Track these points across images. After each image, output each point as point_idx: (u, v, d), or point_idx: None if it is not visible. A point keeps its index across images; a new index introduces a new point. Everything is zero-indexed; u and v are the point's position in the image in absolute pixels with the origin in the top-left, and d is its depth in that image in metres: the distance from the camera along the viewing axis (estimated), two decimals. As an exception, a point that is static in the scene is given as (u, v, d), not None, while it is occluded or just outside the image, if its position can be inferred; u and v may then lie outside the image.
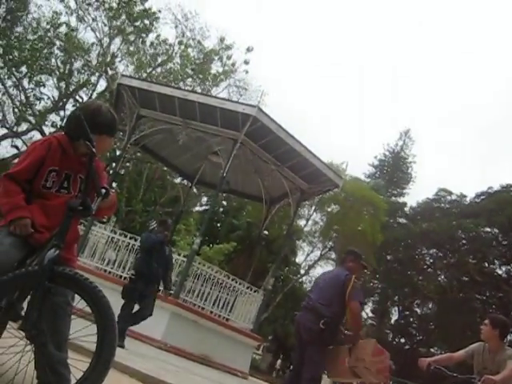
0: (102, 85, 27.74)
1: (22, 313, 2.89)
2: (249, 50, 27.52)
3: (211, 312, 14.41)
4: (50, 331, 2.90)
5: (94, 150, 3.00)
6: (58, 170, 3.25)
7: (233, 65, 27.84)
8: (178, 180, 26.29)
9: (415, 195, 74.87)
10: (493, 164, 72.78)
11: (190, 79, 27.62)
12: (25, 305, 2.93)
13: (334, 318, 6.62)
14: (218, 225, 31.91)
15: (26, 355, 2.93)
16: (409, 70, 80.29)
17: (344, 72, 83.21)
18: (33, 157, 3.21)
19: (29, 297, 2.88)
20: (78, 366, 2.86)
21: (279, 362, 37.58)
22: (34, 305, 2.82)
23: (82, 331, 2.84)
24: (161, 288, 9.73)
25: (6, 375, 2.89)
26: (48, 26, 26.17)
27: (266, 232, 20.06)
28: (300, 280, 34.95)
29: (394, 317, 38.33)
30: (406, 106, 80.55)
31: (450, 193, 35.91)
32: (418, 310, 37.76)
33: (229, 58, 27.73)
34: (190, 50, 27.66)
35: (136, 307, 9.31)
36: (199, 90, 26.39)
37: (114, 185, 26.27)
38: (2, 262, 2.97)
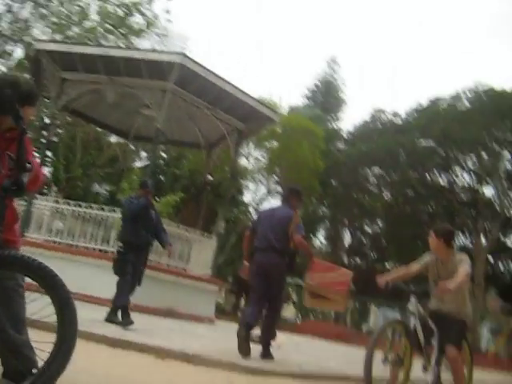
0: (18, 53, 26.71)
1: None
2: None
3: (168, 265, 14.44)
4: (6, 316, 2.84)
5: (23, 127, 2.88)
6: None
7: (155, 17, 27.11)
8: (113, 139, 25.83)
9: (351, 119, 75.72)
10: (419, 78, 73.71)
11: (111, 36, 26.80)
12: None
13: (292, 252, 7.66)
14: (161, 177, 31.67)
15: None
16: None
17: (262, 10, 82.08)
18: None
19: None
20: (42, 345, 2.83)
21: (242, 301, 38.18)
22: None
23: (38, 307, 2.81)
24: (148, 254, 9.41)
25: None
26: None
27: (210, 177, 20.01)
28: (251, 219, 35.24)
29: (347, 240, 39.15)
30: (327, 33, 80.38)
31: (384, 112, 36.36)
32: (369, 230, 38.60)
33: (148, 9, 26.97)
34: (108, 5, 26.77)
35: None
36: (122, 46, 25.72)
37: (50, 154, 25.70)
38: None
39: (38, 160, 3.22)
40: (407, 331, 5.78)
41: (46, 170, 25.13)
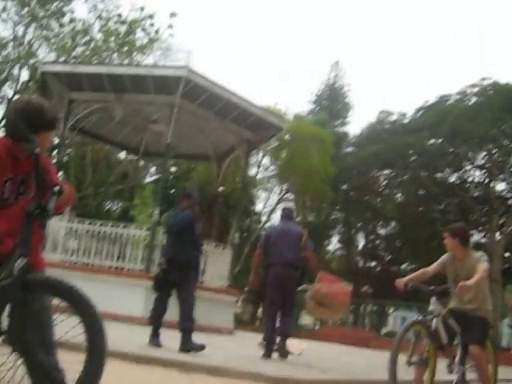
0: (25, 76, 26.98)
1: (3, 327, 2.85)
2: (173, 15, 26.95)
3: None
4: (35, 339, 2.87)
5: (37, 150, 2.91)
6: (13, 177, 3.13)
7: (156, 32, 27.28)
8: (123, 156, 25.97)
9: (358, 123, 75.70)
10: (424, 78, 73.67)
11: (115, 54, 27.01)
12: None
13: (304, 265, 8.71)
14: (172, 191, 31.78)
15: (19, 368, 2.91)
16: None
17: (261, 20, 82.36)
18: None
19: (7, 310, 2.84)
20: (73, 365, 2.85)
21: (260, 310, 38.10)
22: (14, 318, 2.78)
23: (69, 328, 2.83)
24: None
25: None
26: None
27: (221, 188, 20.08)
28: (263, 227, 35.25)
29: (361, 243, 39.07)
30: (330, 37, 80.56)
31: (390, 113, 36.30)
32: (382, 232, 38.51)
33: (152, 25, 27.14)
34: (109, 22, 27.00)
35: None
36: (127, 63, 25.91)
37: (60, 174, 25.84)
38: None
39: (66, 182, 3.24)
40: (429, 332, 5.77)
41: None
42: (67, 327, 2.87)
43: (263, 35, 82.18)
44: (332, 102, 41.87)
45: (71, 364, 2.87)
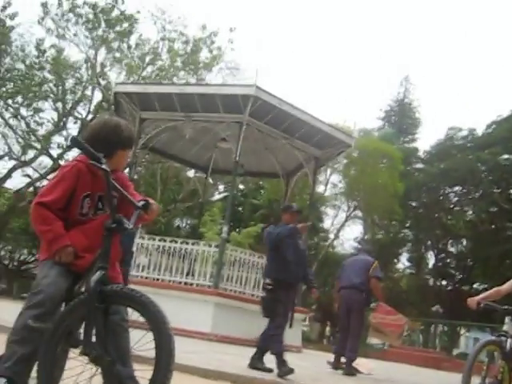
0: (97, 96, 27.81)
1: (81, 338, 2.96)
2: (231, 29, 27.40)
3: (252, 295, 14.51)
4: (113, 349, 2.96)
5: (104, 167, 3.03)
6: (91, 193, 3.28)
7: (219, 48, 27.76)
8: (192, 174, 26.37)
9: (426, 139, 74.54)
10: (496, 92, 71.96)
11: (181, 72, 27.60)
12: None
13: (369, 290, 9.53)
14: (240, 208, 32.02)
15: (94, 377, 3.00)
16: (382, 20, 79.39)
17: (324, 38, 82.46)
18: (64, 186, 3.21)
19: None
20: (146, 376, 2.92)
21: (327, 328, 37.78)
22: (91, 328, 2.89)
23: (142, 341, 2.91)
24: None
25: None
26: (35, 52, 26.25)
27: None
28: (331, 245, 35.06)
29: (431, 261, 38.30)
30: (399, 53, 79.79)
31: (460, 129, 35.69)
32: (453, 250, 37.66)
33: (213, 42, 27.67)
34: (175, 43, 27.63)
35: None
36: (193, 81, 26.39)
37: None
38: (52, 294, 3.04)
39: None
40: (503, 352, 5.62)
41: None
42: (141, 339, 2.95)
43: (330, 50, 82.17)
44: (401, 117, 41.44)
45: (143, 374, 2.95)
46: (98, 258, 3.02)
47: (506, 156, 32.47)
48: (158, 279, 14.47)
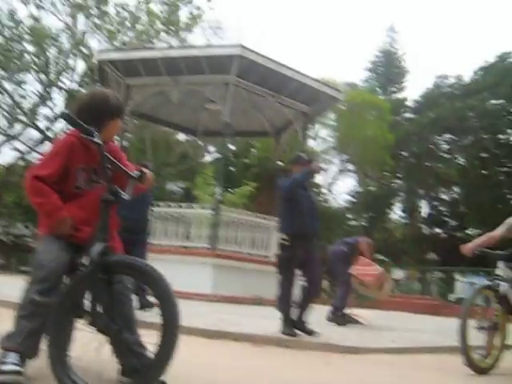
0: (80, 65, 27.54)
1: (87, 309, 3.03)
2: None
3: (250, 254, 14.67)
4: (118, 318, 3.03)
5: (97, 140, 3.07)
6: (85, 166, 3.33)
7: (198, 8, 27.47)
8: (181, 137, 26.30)
9: (414, 88, 74.17)
10: (482, 38, 71.48)
11: (162, 34, 27.32)
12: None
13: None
14: (232, 169, 32.04)
15: (103, 346, 3.08)
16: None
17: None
18: (58, 159, 3.25)
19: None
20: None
21: (326, 283, 38.14)
22: (96, 299, 2.96)
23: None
24: None
25: (93, 370, 3.06)
26: (11, 24, 25.86)
27: (280, 163, 20.07)
28: (325, 200, 35.23)
29: (425, 210, 38.59)
30: (380, 4, 78.91)
31: (448, 77, 35.62)
32: (446, 197, 37.91)
33: (190, 1, 27.35)
34: (152, 5, 27.31)
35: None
36: (175, 43, 26.15)
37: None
38: (55, 268, 3.10)
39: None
40: (498, 296, 5.75)
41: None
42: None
43: (312, 3, 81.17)
44: (387, 67, 41.23)
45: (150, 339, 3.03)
46: (97, 230, 3.08)
47: (493, 101, 32.46)
48: (154, 244, 14.56)
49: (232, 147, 31.38)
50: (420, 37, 72.53)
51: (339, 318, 9.37)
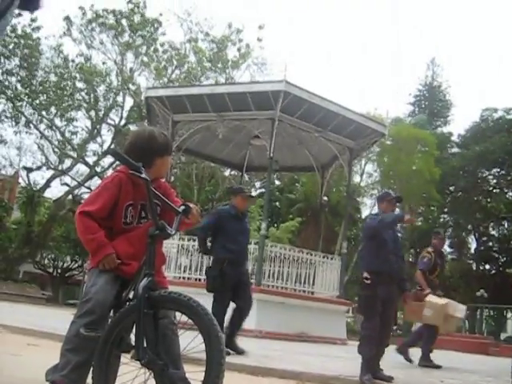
0: (128, 102, 28.15)
1: (132, 343, 3.03)
2: (260, 27, 27.43)
3: (295, 290, 14.56)
4: (164, 353, 3.03)
5: (144, 176, 3.11)
6: (134, 203, 3.37)
7: (247, 46, 27.82)
8: (227, 172, 26.50)
9: (460, 122, 73.47)
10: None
11: (209, 72, 27.74)
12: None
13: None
14: (277, 204, 32.08)
15: (148, 381, 3.07)
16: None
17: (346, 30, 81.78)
18: (107, 195, 3.30)
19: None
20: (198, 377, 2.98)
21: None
22: (142, 334, 2.96)
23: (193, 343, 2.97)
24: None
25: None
26: (65, 63, 26.71)
27: (325, 198, 20.08)
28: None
29: (473, 245, 37.87)
30: (421, 38, 78.78)
31: (495, 110, 35.18)
32: (495, 233, 37.18)
33: (240, 40, 27.74)
34: (200, 43, 27.81)
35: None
36: (222, 80, 26.51)
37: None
38: (101, 300, 3.13)
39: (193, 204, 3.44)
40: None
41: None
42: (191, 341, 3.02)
43: (355, 39, 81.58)
44: (431, 101, 41.02)
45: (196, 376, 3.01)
46: (143, 265, 3.10)
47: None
48: (199, 279, 14.59)
49: (277, 182, 31.47)
50: (465, 70, 72.08)
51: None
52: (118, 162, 3.27)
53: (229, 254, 7.88)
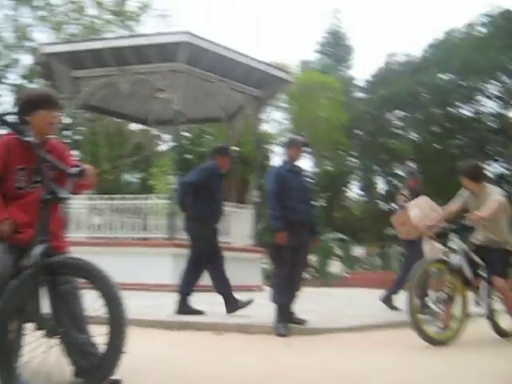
0: (27, 59, 26.99)
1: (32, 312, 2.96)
2: None
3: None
4: (67, 318, 2.98)
5: (28, 138, 3.02)
6: (25, 167, 3.26)
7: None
8: (134, 127, 26.00)
9: (365, 68, 74.61)
10: (429, 16, 72.09)
11: (110, 25, 26.92)
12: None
13: None
14: (189, 156, 31.86)
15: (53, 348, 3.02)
16: None
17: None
18: None
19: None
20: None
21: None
22: (40, 302, 2.89)
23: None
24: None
25: (43, 373, 3.00)
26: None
27: (236, 148, 20.03)
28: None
29: (381, 186, 38.97)
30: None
31: (396, 55, 36.02)
32: (401, 173, 38.33)
33: None
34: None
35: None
36: (124, 34, 25.79)
37: (76, 152, 25.98)
38: (0, 272, 3.04)
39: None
40: (451, 269, 5.84)
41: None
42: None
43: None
44: (336, 47, 41.49)
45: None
46: (38, 231, 3.01)
47: (443, 77, 32.94)
48: (113, 238, 14.43)
49: (187, 135, 31.15)
50: (367, 18, 72.78)
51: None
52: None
53: (213, 214, 7.84)
